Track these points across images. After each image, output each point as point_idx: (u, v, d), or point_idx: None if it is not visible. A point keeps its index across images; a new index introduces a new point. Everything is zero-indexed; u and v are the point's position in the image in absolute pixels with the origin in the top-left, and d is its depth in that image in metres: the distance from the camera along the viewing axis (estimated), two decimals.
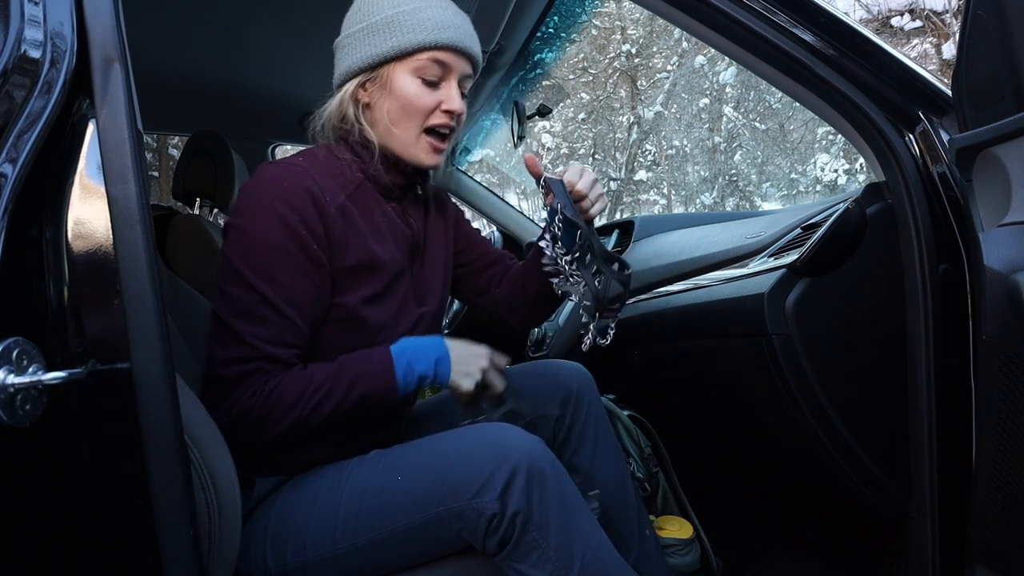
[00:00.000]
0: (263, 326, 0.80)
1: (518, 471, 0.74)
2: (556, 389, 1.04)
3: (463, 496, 0.75)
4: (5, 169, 0.51)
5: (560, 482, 0.77)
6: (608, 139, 10.62)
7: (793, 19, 0.87)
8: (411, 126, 0.89)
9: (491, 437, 0.79)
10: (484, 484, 0.74)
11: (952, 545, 0.88)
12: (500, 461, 0.75)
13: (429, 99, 0.88)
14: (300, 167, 0.85)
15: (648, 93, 10.06)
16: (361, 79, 0.89)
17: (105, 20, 0.57)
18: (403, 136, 0.89)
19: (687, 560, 1.23)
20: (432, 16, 0.86)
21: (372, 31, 0.87)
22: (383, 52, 0.86)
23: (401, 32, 0.85)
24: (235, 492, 0.73)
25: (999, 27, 0.67)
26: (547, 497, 0.75)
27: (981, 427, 0.75)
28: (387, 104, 0.88)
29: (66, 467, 0.55)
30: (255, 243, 0.81)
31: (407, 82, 0.87)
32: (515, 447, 0.77)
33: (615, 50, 10.03)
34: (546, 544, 0.74)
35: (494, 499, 0.73)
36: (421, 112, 0.88)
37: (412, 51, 0.86)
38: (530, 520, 0.74)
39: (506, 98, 2.04)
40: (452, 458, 0.78)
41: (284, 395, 0.79)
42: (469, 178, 2.61)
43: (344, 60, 0.90)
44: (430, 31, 0.85)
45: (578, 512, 0.78)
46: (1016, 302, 0.64)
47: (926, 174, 0.88)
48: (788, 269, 1.02)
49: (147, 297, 0.55)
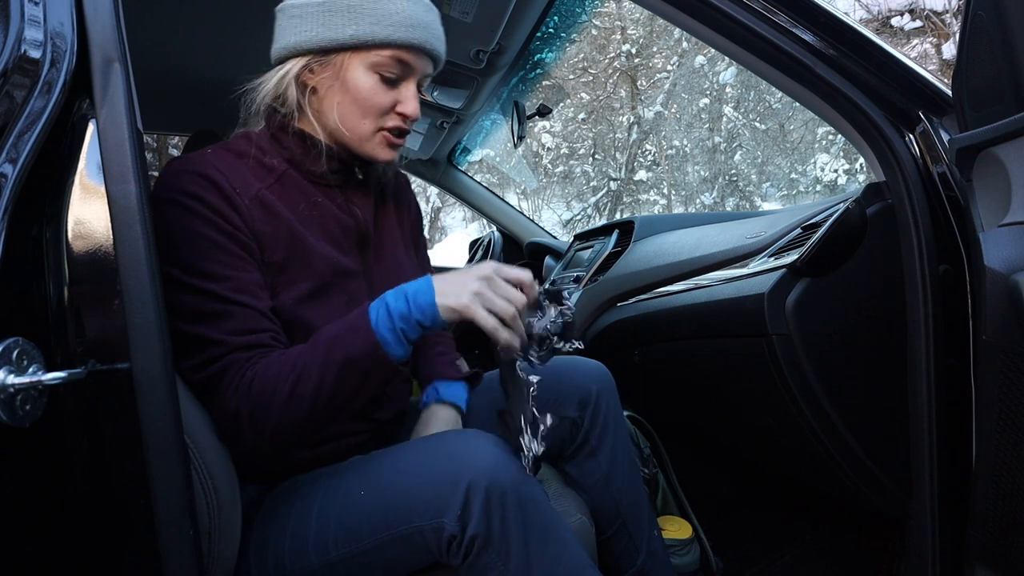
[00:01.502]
0: (221, 321, 0.73)
1: (475, 491, 0.69)
2: (575, 389, 0.99)
3: (423, 516, 0.71)
4: (5, 169, 0.51)
5: (524, 502, 0.71)
6: (608, 139, 10.62)
7: (793, 19, 0.87)
8: (363, 123, 0.81)
9: (453, 449, 0.74)
10: (443, 504, 0.70)
11: (952, 545, 0.88)
12: (458, 478, 0.70)
13: (385, 99, 0.81)
14: (203, 156, 0.78)
15: (648, 93, 10.06)
16: (309, 60, 0.79)
17: (105, 20, 0.57)
18: (354, 133, 0.82)
19: (686, 560, 1.23)
20: (401, 10, 0.78)
21: (330, 10, 0.78)
22: (341, 39, 0.77)
23: (364, 21, 0.77)
24: (235, 492, 0.73)
25: (999, 27, 0.67)
26: (508, 519, 0.70)
27: (981, 427, 0.75)
28: (337, 96, 0.80)
29: (66, 467, 0.55)
30: (176, 242, 0.73)
31: (363, 76, 0.79)
32: (476, 463, 0.71)
33: (615, 50, 10.03)
34: (504, 567, 0.70)
35: (454, 520, 0.69)
36: (374, 111, 0.81)
37: (374, 45, 0.78)
38: (489, 543, 0.70)
39: (506, 98, 2.04)
40: (414, 473, 0.74)
41: (267, 379, 0.72)
42: (469, 178, 2.62)
43: (290, 32, 0.80)
44: (397, 27, 0.77)
45: (544, 534, 0.72)
46: (1016, 302, 0.64)
47: (926, 174, 0.88)
48: (788, 269, 1.02)
49: (147, 297, 0.55)
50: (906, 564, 1.02)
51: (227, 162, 0.79)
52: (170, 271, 0.72)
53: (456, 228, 12.86)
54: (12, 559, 0.51)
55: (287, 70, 0.81)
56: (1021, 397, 0.68)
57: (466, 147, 2.52)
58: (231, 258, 0.75)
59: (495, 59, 1.64)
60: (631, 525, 1.01)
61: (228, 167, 0.78)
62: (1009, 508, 0.71)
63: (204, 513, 0.66)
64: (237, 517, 0.74)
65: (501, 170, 10.60)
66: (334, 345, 0.72)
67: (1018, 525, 0.70)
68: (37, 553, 0.53)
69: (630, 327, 1.52)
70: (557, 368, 0.99)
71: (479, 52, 1.59)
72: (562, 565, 0.73)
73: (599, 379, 1.01)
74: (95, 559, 0.56)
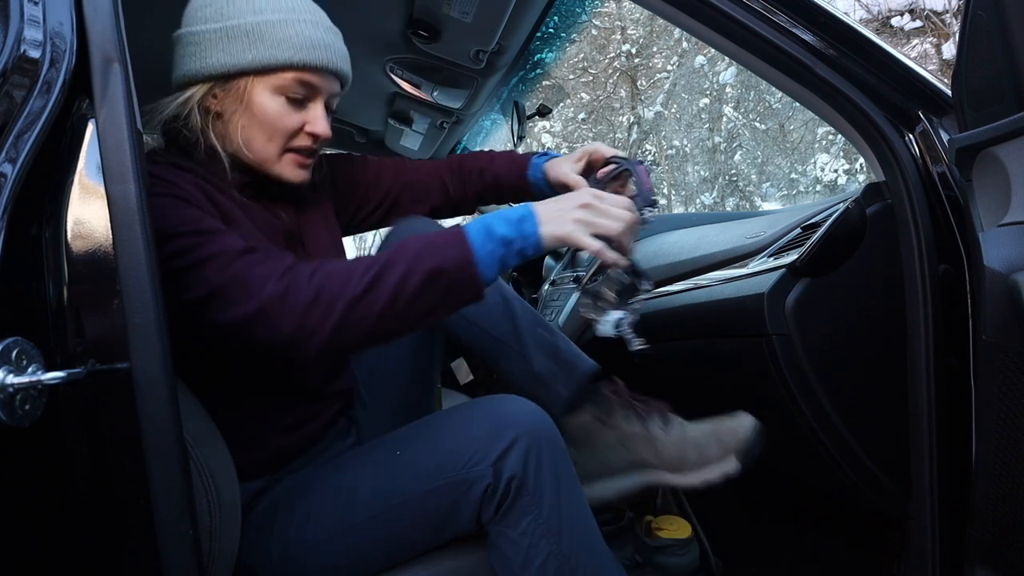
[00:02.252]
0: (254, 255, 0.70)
1: (517, 440, 0.74)
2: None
3: (458, 466, 0.75)
4: (5, 169, 0.51)
5: (557, 456, 0.77)
6: (608, 139, 10.62)
7: (793, 19, 0.87)
8: (269, 146, 0.81)
9: (491, 410, 0.79)
10: (480, 453, 0.74)
11: (952, 545, 0.88)
12: (499, 431, 0.75)
13: (292, 120, 0.80)
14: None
15: (648, 93, 10.06)
16: (211, 86, 0.79)
17: (105, 20, 0.57)
18: (260, 154, 0.81)
19: (686, 560, 1.23)
20: (301, 32, 0.77)
21: (229, 36, 0.77)
22: (241, 64, 0.77)
23: (264, 45, 0.76)
24: (235, 490, 0.74)
25: (999, 27, 0.67)
26: (543, 466, 0.75)
27: (981, 427, 0.75)
28: (242, 119, 0.79)
29: (66, 467, 0.55)
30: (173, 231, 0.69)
31: (268, 100, 0.78)
32: (515, 417, 0.77)
33: (615, 50, 10.03)
34: (538, 511, 0.75)
35: (488, 467, 0.73)
36: (282, 133, 0.80)
37: (276, 68, 0.77)
38: (524, 485, 0.74)
39: (506, 98, 2.04)
40: (450, 431, 0.79)
41: (337, 269, 0.69)
42: None
43: (190, 60, 0.80)
44: (298, 49, 0.77)
45: (574, 488, 0.78)
46: (1016, 302, 0.64)
47: (926, 174, 0.88)
48: (788, 269, 1.02)
49: (147, 297, 0.55)
50: (906, 564, 1.02)
51: (167, 170, 0.77)
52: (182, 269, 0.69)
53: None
54: (12, 559, 0.51)
55: (189, 95, 0.80)
56: (1021, 397, 0.68)
57: (466, 147, 2.52)
58: (214, 220, 0.74)
59: (495, 59, 1.64)
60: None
61: (170, 174, 0.77)
62: (1009, 508, 0.71)
63: (204, 512, 0.66)
64: (238, 516, 0.74)
65: None
66: (424, 253, 0.69)
67: (1018, 525, 0.70)
68: (37, 553, 0.53)
69: None
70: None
71: (479, 52, 1.58)
72: (586, 519, 0.79)
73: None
74: (95, 559, 0.56)
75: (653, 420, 0.95)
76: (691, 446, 0.93)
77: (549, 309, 1.96)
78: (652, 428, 0.94)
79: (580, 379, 0.98)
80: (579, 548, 0.76)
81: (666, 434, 0.93)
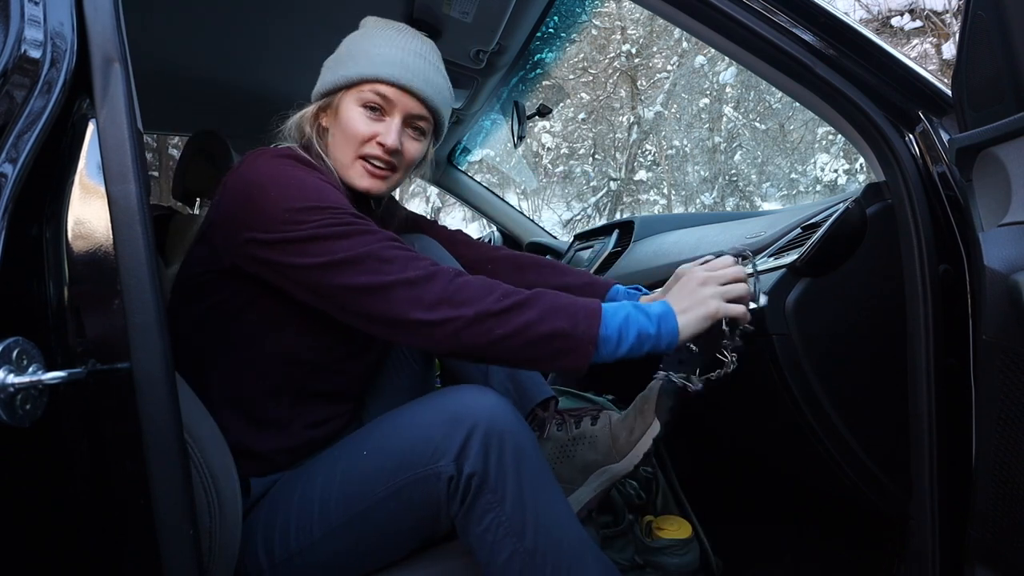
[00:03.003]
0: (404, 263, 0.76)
1: (475, 432, 0.74)
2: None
3: (421, 462, 0.75)
4: (5, 169, 0.51)
5: (521, 448, 0.76)
6: (608, 139, 10.62)
7: (793, 19, 0.87)
8: (346, 151, 0.91)
9: (450, 402, 0.79)
10: (441, 447, 0.74)
11: (952, 545, 0.88)
12: (456, 424, 0.75)
13: (366, 128, 0.89)
14: (287, 153, 0.85)
15: (648, 93, 10.06)
16: (322, 103, 0.93)
17: (105, 20, 0.57)
18: (340, 159, 0.91)
19: (686, 560, 1.23)
20: (383, 53, 0.89)
21: (335, 62, 0.93)
22: (335, 81, 0.91)
23: (354, 63, 0.90)
24: (236, 491, 0.74)
25: (999, 27, 0.68)
26: (504, 461, 0.74)
27: (981, 427, 0.75)
28: (335, 131, 0.92)
29: (66, 467, 0.55)
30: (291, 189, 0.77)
31: (351, 110, 0.90)
32: (473, 409, 0.76)
33: (615, 50, 10.03)
34: (500, 509, 0.74)
35: (450, 461, 0.74)
36: (356, 139, 0.90)
37: (357, 81, 0.89)
38: (485, 482, 0.74)
39: (506, 98, 2.04)
40: (411, 427, 0.79)
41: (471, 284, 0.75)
42: (469, 178, 2.62)
43: (317, 84, 0.95)
44: (378, 65, 0.88)
45: (539, 479, 0.77)
46: (1016, 302, 0.64)
47: (926, 174, 0.88)
48: (788, 269, 1.02)
49: (147, 297, 0.55)
50: (906, 564, 1.02)
51: (308, 160, 0.87)
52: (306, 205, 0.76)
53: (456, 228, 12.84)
54: (12, 559, 0.51)
55: (303, 112, 0.94)
56: (1021, 397, 0.68)
57: (466, 147, 2.52)
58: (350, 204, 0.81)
59: (495, 59, 1.64)
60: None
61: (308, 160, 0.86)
62: (1009, 508, 0.71)
63: (204, 512, 0.66)
64: (238, 515, 0.74)
65: (501, 170, 10.60)
66: (561, 311, 0.74)
67: (1018, 525, 0.70)
68: (37, 553, 0.53)
69: None
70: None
71: (479, 52, 1.59)
72: (554, 512, 0.77)
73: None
74: (95, 559, 0.57)
75: (583, 421, 0.98)
76: (620, 430, 0.96)
77: None
78: (583, 427, 0.99)
79: (531, 405, 1.03)
80: (547, 544, 0.75)
81: (595, 427, 0.97)
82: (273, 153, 0.85)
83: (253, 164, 0.82)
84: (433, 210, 12.60)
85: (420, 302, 0.73)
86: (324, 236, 0.75)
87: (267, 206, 0.77)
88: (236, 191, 0.81)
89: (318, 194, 0.78)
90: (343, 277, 0.74)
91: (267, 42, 1.62)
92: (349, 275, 0.74)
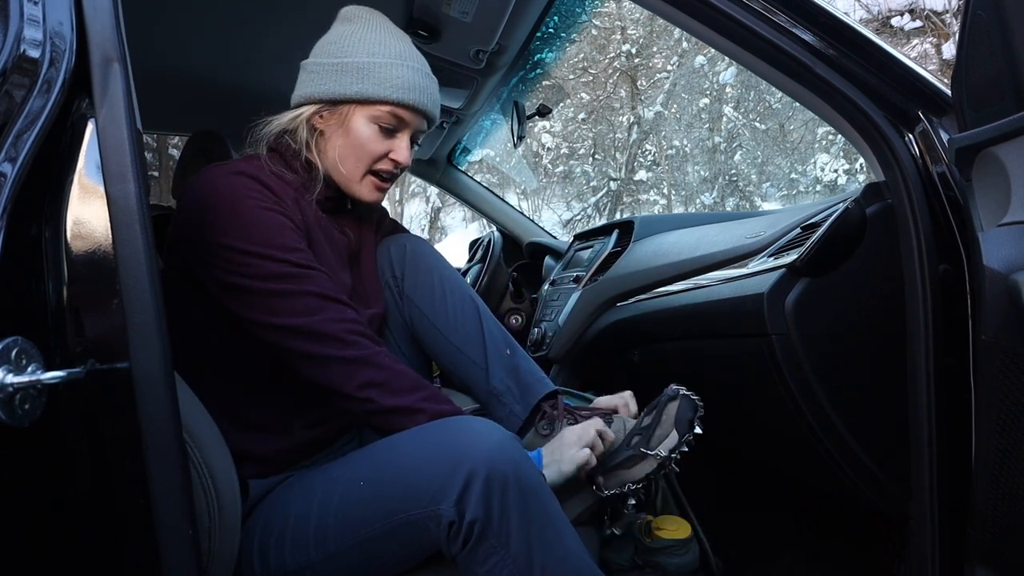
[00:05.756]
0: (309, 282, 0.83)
1: (475, 476, 0.71)
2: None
3: (421, 503, 0.73)
4: (4, 168, 0.51)
5: (525, 487, 0.73)
6: (608, 139, 10.62)
7: (793, 19, 0.87)
8: (357, 166, 0.93)
9: (451, 435, 0.77)
10: (441, 490, 0.72)
11: (952, 545, 0.88)
12: (457, 464, 0.72)
13: (380, 146, 0.93)
14: (237, 165, 0.87)
15: (648, 93, 10.06)
16: (320, 108, 0.93)
17: (105, 20, 0.57)
18: (348, 172, 0.94)
19: (685, 560, 1.23)
20: (402, 75, 0.91)
21: (344, 70, 0.91)
22: (349, 94, 0.91)
23: (370, 82, 0.90)
24: (235, 491, 0.74)
25: (999, 27, 0.67)
26: (508, 504, 0.72)
27: (981, 427, 0.75)
28: (340, 139, 0.92)
29: (65, 467, 0.55)
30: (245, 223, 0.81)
31: (363, 126, 0.92)
32: (475, 448, 0.73)
33: (615, 50, 10.03)
34: (505, 552, 0.72)
35: (451, 506, 0.71)
36: (369, 156, 0.93)
37: (376, 101, 0.91)
38: (488, 528, 0.71)
39: (506, 98, 2.04)
40: (411, 461, 0.76)
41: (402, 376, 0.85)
42: (469, 178, 2.61)
43: (309, 84, 0.93)
44: (397, 89, 0.90)
45: (545, 518, 0.74)
46: (1016, 302, 0.64)
47: (926, 174, 0.88)
48: (788, 269, 1.02)
49: (146, 296, 0.55)
50: (906, 564, 1.02)
51: (262, 171, 0.88)
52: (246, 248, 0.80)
53: (456, 228, 12.86)
54: (12, 559, 0.51)
55: (300, 112, 0.93)
56: (1021, 397, 0.68)
57: (466, 147, 2.52)
58: (297, 235, 0.85)
59: (495, 59, 1.64)
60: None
61: (266, 177, 0.87)
62: (1009, 508, 0.71)
63: (204, 513, 0.66)
64: (237, 516, 0.74)
65: (501, 170, 10.60)
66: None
67: (1018, 525, 0.70)
68: (37, 553, 0.53)
69: (630, 327, 1.52)
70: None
71: (479, 52, 1.59)
72: (561, 549, 0.75)
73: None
74: (95, 559, 0.56)
75: (594, 422, 0.96)
76: (636, 433, 0.95)
77: (549, 309, 1.96)
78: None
79: (535, 399, 1.01)
80: None
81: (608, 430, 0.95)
82: (229, 170, 0.85)
83: (207, 184, 0.85)
84: (433, 210, 12.61)
85: (352, 380, 0.82)
86: (260, 291, 0.81)
87: (211, 240, 0.81)
88: (188, 214, 0.84)
89: (262, 234, 0.81)
90: (278, 336, 0.82)
91: (267, 42, 1.62)
92: (284, 337, 0.81)
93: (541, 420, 1.00)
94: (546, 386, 1.03)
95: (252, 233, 0.81)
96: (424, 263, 1.06)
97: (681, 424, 0.92)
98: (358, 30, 0.93)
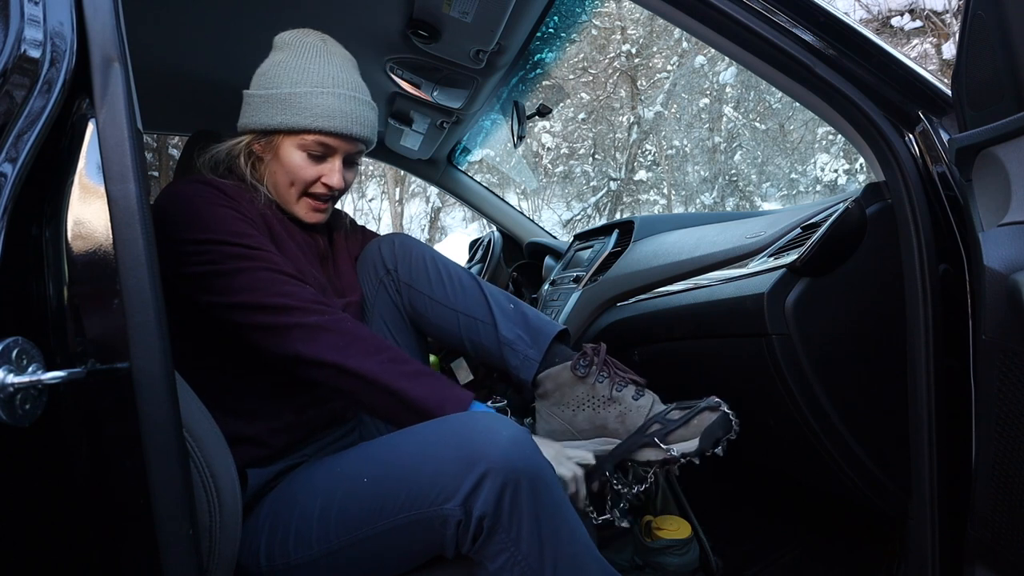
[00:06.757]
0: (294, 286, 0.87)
1: (487, 476, 0.71)
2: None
3: (427, 502, 0.72)
4: (5, 168, 0.51)
5: (538, 484, 0.73)
6: (608, 139, 10.63)
7: (793, 19, 0.87)
8: (291, 191, 0.98)
9: (462, 436, 0.75)
10: (449, 490, 0.72)
11: (952, 545, 0.88)
12: (469, 465, 0.71)
13: (310, 172, 0.96)
14: (199, 177, 0.93)
15: (648, 93, 10.06)
16: (255, 137, 0.98)
17: (105, 20, 0.57)
18: (284, 196, 0.99)
19: (685, 559, 1.23)
20: (323, 103, 0.93)
21: (270, 102, 0.95)
22: (274, 124, 0.94)
23: (292, 112, 0.93)
24: (235, 490, 0.74)
25: (999, 27, 0.68)
26: (521, 503, 0.71)
27: (981, 427, 0.75)
28: (274, 166, 0.97)
29: (66, 466, 0.55)
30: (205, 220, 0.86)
31: (293, 154, 0.95)
32: (487, 449, 0.72)
33: (615, 50, 10.03)
34: (515, 548, 0.72)
35: (458, 505, 0.71)
36: (302, 182, 0.97)
37: (299, 131, 0.94)
38: (498, 523, 0.71)
39: (506, 98, 2.04)
40: (417, 459, 0.76)
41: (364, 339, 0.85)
42: (469, 178, 2.61)
43: (245, 115, 0.98)
44: (318, 117, 0.93)
45: (557, 516, 0.74)
46: (1016, 302, 0.64)
47: (926, 174, 0.88)
48: (788, 269, 1.02)
49: (146, 296, 0.55)
50: (906, 564, 1.02)
51: (216, 181, 0.93)
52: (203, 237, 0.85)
53: (456, 228, 12.86)
54: (12, 559, 0.51)
55: (239, 141, 0.99)
56: (1021, 397, 0.68)
57: (466, 147, 2.52)
58: (250, 226, 0.90)
59: (495, 59, 1.64)
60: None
61: (220, 183, 0.92)
62: (1009, 508, 0.71)
63: (204, 511, 0.66)
64: (238, 515, 0.74)
65: (501, 170, 10.60)
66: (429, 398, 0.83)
67: (1018, 525, 0.70)
68: (37, 552, 0.53)
69: (630, 327, 1.52)
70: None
71: (479, 52, 1.58)
72: (573, 547, 0.75)
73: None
74: (95, 559, 0.56)
75: (627, 388, 0.96)
76: (658, 420, 0.93)
77: (549, 309, 1.96)
78: (624, 393, 0.96)
79: (548, 340, 1.01)
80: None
81: (635, 403, 0.94)
82: (186, 181, 0.92)
83: (166, 195, 0.91)
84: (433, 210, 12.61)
85: (313, 344, 0.84)
86: (217, 274, 0.85)
87: (172, 238, 0.85)
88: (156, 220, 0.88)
89: (215, 224, 0.86)
90: (240, 316, 0.85)
91: (267, 42, 1.62)
92: (245, 315, 0.85)
93: (581, 360, 0.97)
94: (555, 327, 1.02)
95: (207, 224, 0.86)
96: (415, 250, 1.08)
97: (708, 438, 0.90)
98: (287, 59, 0.97)
